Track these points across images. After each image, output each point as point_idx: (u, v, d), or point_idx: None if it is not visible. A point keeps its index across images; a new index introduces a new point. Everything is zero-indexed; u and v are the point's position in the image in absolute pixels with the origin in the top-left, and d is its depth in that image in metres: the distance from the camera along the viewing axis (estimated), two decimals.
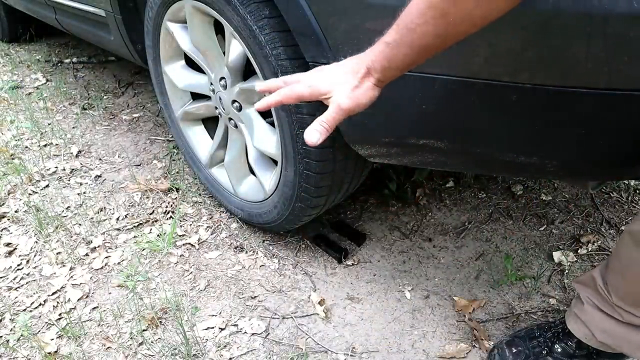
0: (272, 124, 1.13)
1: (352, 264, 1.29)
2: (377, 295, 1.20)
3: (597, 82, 0.62)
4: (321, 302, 1.17)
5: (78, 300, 1.20)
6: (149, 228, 1.42)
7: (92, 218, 1.47)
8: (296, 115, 0.96)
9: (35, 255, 1.33)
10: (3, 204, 1.53)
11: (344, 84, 0.63)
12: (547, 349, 0.98)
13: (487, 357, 1.04)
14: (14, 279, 1.26)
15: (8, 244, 1.37)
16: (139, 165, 1.75)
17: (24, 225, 1.45)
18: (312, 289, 1.22)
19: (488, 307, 1.16)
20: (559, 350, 0.97)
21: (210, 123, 1.48)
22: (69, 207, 1.52)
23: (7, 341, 1.09)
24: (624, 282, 0.84)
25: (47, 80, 2.51)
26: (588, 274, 0.93)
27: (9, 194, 1.58)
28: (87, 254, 1.33)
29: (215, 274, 1.27)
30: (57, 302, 1.19)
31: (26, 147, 1.86)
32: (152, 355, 1.06)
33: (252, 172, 1.30)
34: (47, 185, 1.63)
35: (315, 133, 0.63)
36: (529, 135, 0.73)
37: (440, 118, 0.79)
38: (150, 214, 1.48)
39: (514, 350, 1.00)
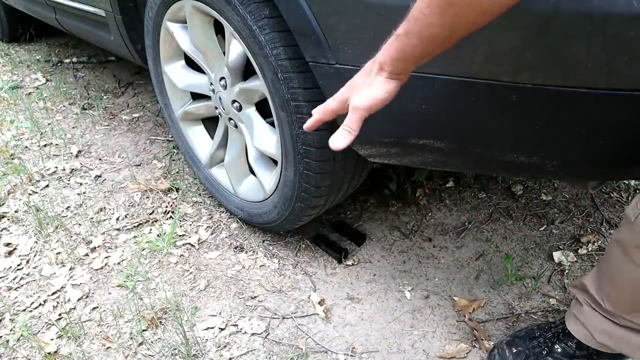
0: (272, 124, 1.12)
1: (352, 264, 1.29)
2: (377, 295, 1.20)
3: (597, 82, 0.62)
4: (321, 302, 1.17)
5: (78, 300, 1.20)
6: (149, 228, 1.42)
7: (92, 218, 1.47)
8: (296, 115, 0.96)
9: (35, 255, 1.33)
10: (3, 204, 1.53)
11: (359, 85, 0.64)
12: (547, 349, 0.98)
13: (487, 357, 1.04)
14: (14, 279, 1.26)
15: (8, 244, 1.37)
16: (139, 165, 1.75)
17: (24, 225, 1.45)
18: (312, 289, 1.22)
19: (488, 307, 1.16)
20: (559, 350, 0.97)
21: (210, 123, 1.48)
22: (69, 207, 1.52)
23: (7, 341, 1.09)
24: (615, 290, 0.84)
25: (47, 80, 2.51)
26: (579, 280, 0.94)
27: (9, 194, 1.58)
28: (87, 254, 1.33)
29: (215, 274, 1.27)
30: (57, 302, 1.19)
31: (26, 147, 1.86)
32: (152, 356, 1.06)
33: (252, 172, 1.30)
34: (47, 185, 1.63)
35: (339, 138, 0.64)
36: (529, 135, 0.73)
37: (440, 118, 0.79)
38: (150, 214, 1.48)
39: (514, 351, 1.00)
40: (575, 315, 0.93)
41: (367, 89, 0.63)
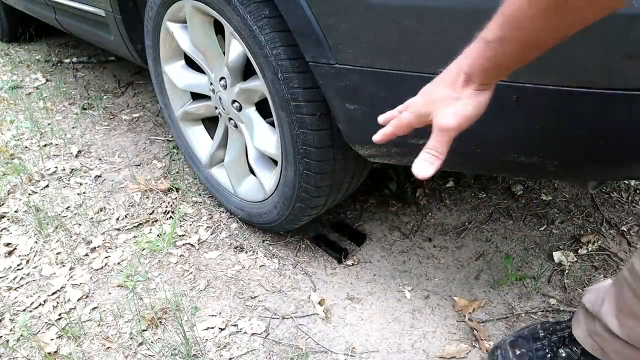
0: (272, 124, 1.13)
1: (352, 264, 1.29)
2: (377, 295, 1.20)
3: (597, 82, 0.62)
4: (321, 302, 1.17)
5: (78, 300, 1.20)
6: (149, 228, 1.42)
7: (92, 218, 1.47)
8: (296, 115, 0.96)
9: (35, 255, 1.33)
10: (3, 204, 1.53)
11: (443, 100, 0.55)
12: (551, 353, 0.95)
13: (488, 356, 1.04)
14: (14, 279, 1.26)
15: (8, 244, 1.37)
16: (139, 165, 1.75)
17: (23, 225, 1.45)
18: (312, 289, 1.22)
19: (488, 307, 1.16)
20: (563, 355, 0.93)
21: (210, 123, 1.48)
22: (68, 207, 1.52)
23: (7, 341, 1.09)
24: (635, 323, 0.77)
25: (47, 80, 2.51)
26: (592, 306, 0.87)
27: (8, 194, 1.58)
28: (87, 254, 1.33)
29: (215, 274, 1.27)
30: (57, 302, 1.19)
31: (26, 147, 1.86)
32: (152, 356, 1.06)
33: (252, 172, 1.30)
34: (47, 185, 1.63)
35: (425, 165, 0.55)
36: (529, 135, 0.73)
37: None
38: (150, 214, 1.48)
39: (517, 352, 0.97)
40: (583, 326, 0.89)
41: (455, 104, 0.54)
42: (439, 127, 0.55)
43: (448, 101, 0.54)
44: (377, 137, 0.63)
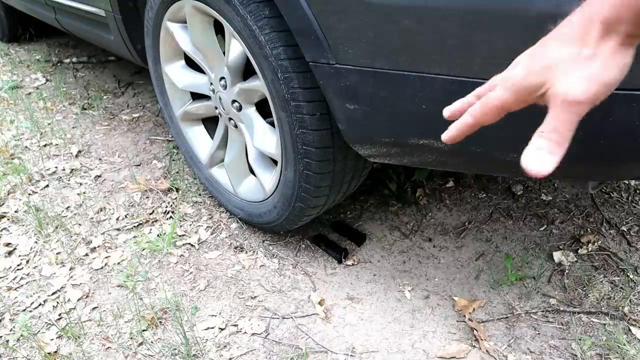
0: (272, 124, 1.13)
1: (352, 264, 1.29)
2: (377, 295, 1.20)
3: None
4: (321, 302, 1.17)
5: (78, 300, 1.20)
6: (149, 228, 1.42)
7: (92, 218, 1.47)
8: (296, 115, 0.96)
9: (35, 255, 1.33)
10: (3, 204, 1.53)
11: (566, 63, 0.39)
12: None
13: None
14: (14, 279, 1.26)
15: (8, 244, 1.37)
16: (139, 165, 1.75)
17: (23, 225, 1.45)
18: (312, 289, 1.22)
19: (488, 307, 1.16)
20: None
21: (210, 123, 1.48)
22: (68, 207, 1.52)
23: (7, 341, 1.09)
24: None
25: (47, 80, 2.51)
26: None
27: (9, 194, 1.58)
28: (87, 254, 1.33)
29: (215, 274, 1.27)
30: (57, 302, 1.19)
31: (26, 147, 1.86)
32: (152, 356, 1.06)
33: (252, 172, 1.30)
34: (47, 185, 1.63)
35: (541, 156, 0.40)
36: (529, 135, 0.73)
37: (440, 118, 0.79)
38: (150, 214, 1.48)
39: None
40: None
41: (587, 66, 0.38)
42: (564, 100, 0.38)
43: (575, 63, 0.38)
44: (446, 136, 0.48)
